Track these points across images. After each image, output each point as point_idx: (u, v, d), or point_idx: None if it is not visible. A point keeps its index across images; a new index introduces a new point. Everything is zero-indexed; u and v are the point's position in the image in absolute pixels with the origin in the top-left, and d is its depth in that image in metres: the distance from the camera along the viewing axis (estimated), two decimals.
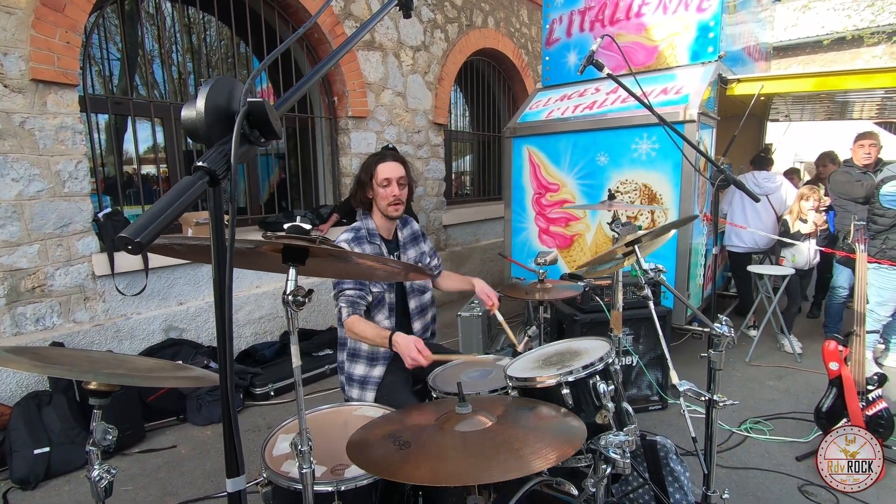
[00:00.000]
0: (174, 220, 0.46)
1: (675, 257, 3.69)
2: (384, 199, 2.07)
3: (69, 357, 1.10)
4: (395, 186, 2.07)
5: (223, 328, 0.51)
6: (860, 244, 2.72)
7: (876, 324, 3.56)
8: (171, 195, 0.46)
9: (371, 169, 2.09)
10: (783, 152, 8.44)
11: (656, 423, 3.07)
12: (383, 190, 2.06)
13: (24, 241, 2.95)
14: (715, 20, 3.88)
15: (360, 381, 2.11)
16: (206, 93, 0.51)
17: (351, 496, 1.32)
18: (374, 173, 2.08)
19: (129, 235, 0.42)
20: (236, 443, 0.56)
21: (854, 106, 5.81)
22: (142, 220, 0.43)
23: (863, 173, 3.88)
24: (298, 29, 4.39)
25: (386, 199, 2.07)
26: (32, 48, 2.89)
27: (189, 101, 0.53)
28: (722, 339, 1.44)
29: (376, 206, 2.12)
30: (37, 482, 2.58)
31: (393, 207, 2.08)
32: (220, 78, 0.54)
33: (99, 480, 1.04)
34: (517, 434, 1.15)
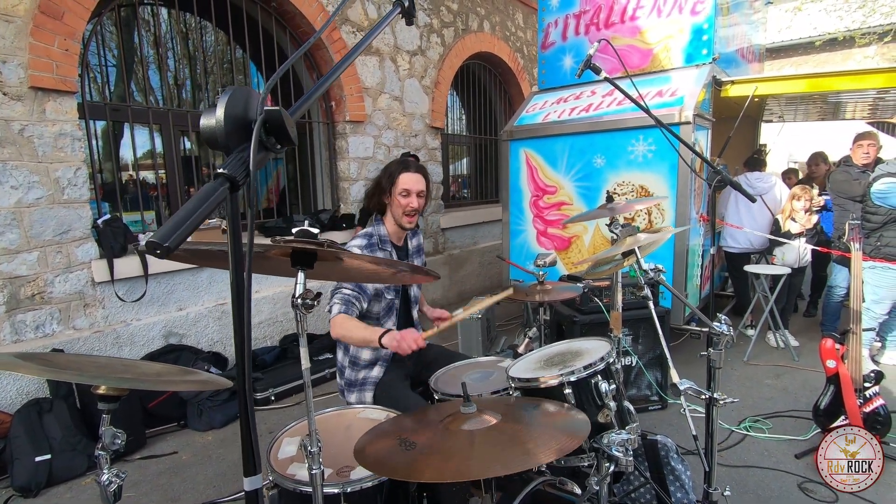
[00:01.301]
0: (199, 224, 0.48)
1: (673, 258, 3.72)
2: (400, 208, 2.07)
3: (77, 362, 1.11)
4: (414, 198, 2.07)
5: (242, 327, 0.52)
6: (855, 243, 2.75)
7: (872, 322, 3.59)
8: (196, 201, 0.48)
9: (393, 176, 2.08)
10: (777, 153, 8.51)
11: (656, 422, 3.08)
12: (402, 199, 2.06)
13: (23, 248, 2.95)
14: (709, 23, 3.93)
15: (360, 383, 2.12)
16: (225, 103, 0.53)
17: (357, 497, 1.34)
18: (396, 181, 2.07)
19: (158, 240, 0.43)
20: (253, 441, 0.57)
21: (847, 106, 5.87)
22: (168, 225, 0.45)
23: (861, 172, 3.92)
24: (301, 41, 4.40)
25: (402, 208, 2.07)
26: (31, 56, 2.90)
27: (208, 111, 0.55)
28: (721, 337, 1.46)
29: (391, 213, 2.12)
30: (38, 490, 2.58)
31: (408, 218, 2.09)
32: (237, 88, 0.56)
33: (108, 484, 1.05)
34: (522, 429, 1.16)
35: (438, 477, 0.97)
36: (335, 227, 4.64)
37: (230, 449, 2.99)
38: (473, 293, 6.17)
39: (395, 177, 2.08)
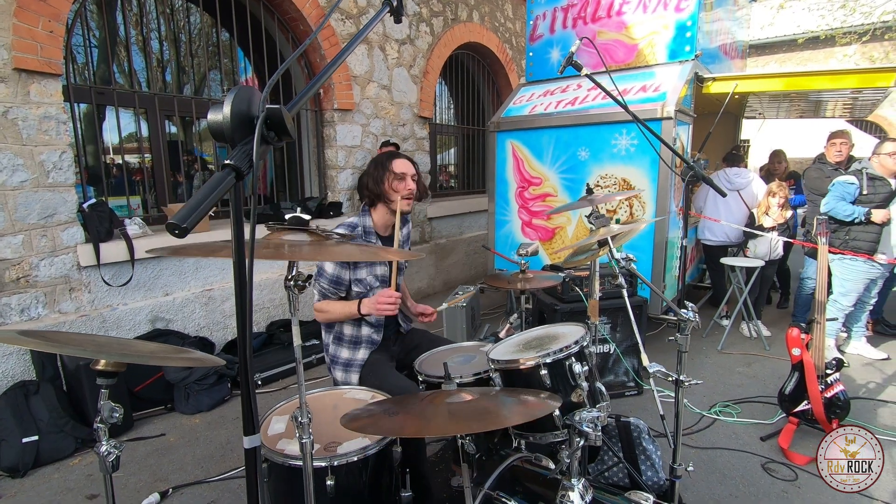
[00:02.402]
0: (210, 209, 0.54)
1: (652, 250, 3.84)
2: (399, 191, 2.15)
3: (77, 339, 1.16)
4: (410, 180, 2.17)
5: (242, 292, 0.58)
6: (822, 237, 2.88)
7: (839, 313, 3.75)
8: (207, 188, 0.54)
9: (386, 163, 2.17)
10: (759, 148, 8.69)
11: (632, 407, 3.21)
12: (399, 182, 2.15)
13: (7, 231, 2.94)
14: (692, 20, 4.01)
15: (345, 364, 2.20)
16: (232, 100, 0.59)
17: (343, 471, 1.41)
18: (390, 167, 2.15)
19: (177, 222, 0.50)
20: (252, 403, 0.64)
21: (827, 104, 6.03)
22: (185, 209, 0.52)
23: (834, 170, 4.09)
24: (289, 26, 4.36)
25: (401, 191, 2.15)
26: (15, 37, 2.87)
27: (215, 108, 0.61)
28: (687, 323, 1.55)
29: (386, 200, 2.19)
30: (25, 470, 2.61)
31: (406, 201, 2.18)
32: (242, 87, 0.62)
33: (107, 455, 1.10)
34: (496, 404, 1.25)
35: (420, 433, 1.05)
36: (322, 214, 4.67)
37: (218, 431, 3.05)
38: (459, 282, 6.26)
39: (388, 162, 2.17)
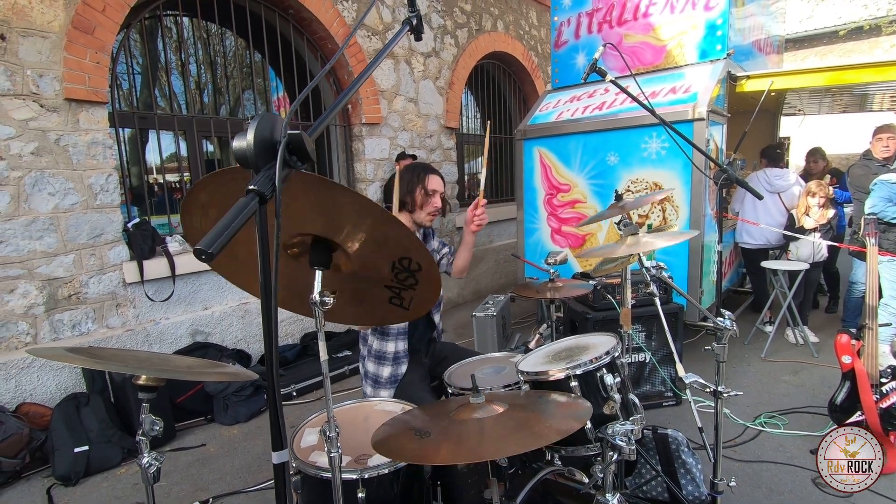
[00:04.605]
0: (236, 233, 0.56)
1: (688, 254, 3.73)
2: (427, 207, 2.21)
3: (119, 356, 1.22)
4: (438, 198, 2.24)
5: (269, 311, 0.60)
6: (871, 238, 2.73)
7: (891, 317, 3.54)
8: (232, 213, 0.57)
9: (422, 175, 2.22)
10: (800, 146, 8.35)
11: (670, 418, 3.11)
12: (429, 198, 2.21)
13: (60, 251, 3.12)
14: (723, 18, 3.91)
15: (373, 379, 2.22)
16: (255, 127, 0.62)
17: (374, 483, 1.42)
18: (425, 180, 2.21)
19: (203, 247, 0.52)
20: (280, 420, 0.66)
21: (873, 98, 5.73)
22: (212, 233, 0.54)
23: (881, 166, 3.86)
24: (317, 45, 4.49)
25: (428, 208, 2.22)
26: (65, 69, 3.06)
27: (240, 135, 0.64)
28: (724, 332, 1.50)
29: (413, 211, 2.23)
30: (77, 479, 2.74)
31: (430, 217, 2.24)
32: (265, 114, 0.65)
33: (149, 467, 1.15)
34: (529, 415, 1.23)
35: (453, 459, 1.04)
36: None
37: (255, 442, 3.12)
38: (489, 291, 6.23)
39: (424, 176, 2.22)
